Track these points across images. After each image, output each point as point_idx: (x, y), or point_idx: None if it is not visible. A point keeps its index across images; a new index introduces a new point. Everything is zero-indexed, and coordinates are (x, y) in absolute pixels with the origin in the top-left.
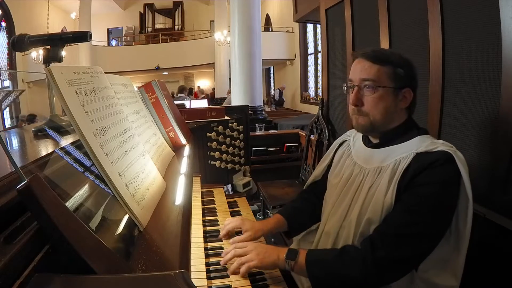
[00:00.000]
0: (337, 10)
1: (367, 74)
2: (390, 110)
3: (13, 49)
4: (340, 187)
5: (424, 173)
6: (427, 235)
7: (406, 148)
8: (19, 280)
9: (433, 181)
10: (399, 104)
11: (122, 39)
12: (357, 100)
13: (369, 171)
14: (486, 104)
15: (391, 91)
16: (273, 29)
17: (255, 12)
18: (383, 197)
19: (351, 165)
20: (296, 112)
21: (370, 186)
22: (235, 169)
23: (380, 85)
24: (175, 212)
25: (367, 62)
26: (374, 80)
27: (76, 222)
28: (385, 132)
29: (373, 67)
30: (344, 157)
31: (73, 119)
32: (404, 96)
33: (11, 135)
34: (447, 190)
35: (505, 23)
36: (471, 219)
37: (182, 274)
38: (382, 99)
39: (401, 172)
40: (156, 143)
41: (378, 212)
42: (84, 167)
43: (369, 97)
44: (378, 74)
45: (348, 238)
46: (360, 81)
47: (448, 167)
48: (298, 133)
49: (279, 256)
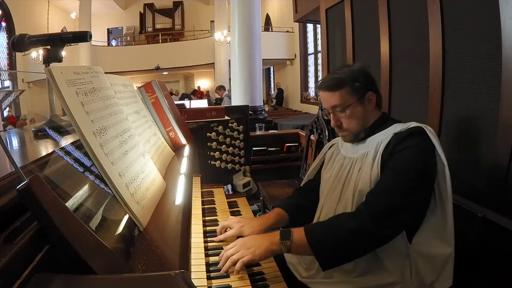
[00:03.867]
0: (337, 10)
1: (332, 102)
2: (363, 117)
3: (13, 49)
4: (332, 178)
5: (402, 142)
6: (414, 188)
7: (386, 133)
8: (19, 280)
9: (411, 145)
10: (367, 107)
11: (122, 39)
12: (336, 122)
13: (357, 158)
14: (486, 104)
15: (358, 103)
16: (273, 29)
17: (255, 12)
18: (370, 170)
19: (341, 159)
20: (296, 112)
21: (360, 168)
22: (235, 169)
23: (346, 105)
24: (175, 212)
25: (326, 93)
26: (340, 104)
27: (76, 222)
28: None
29: (335, 94)
30: (334, 155)
31: (73, 119)
32: (368, 99)
33: (11, 135)
34: (424, 151)
35: (505, 23)
36: (449, 182)
37: (182, 274)
38: (353, 113)
39: (383, 148)
40: (156, 143)
41: (367, 183)
42: (84, 167)
43: (343, 118)
44: (340, 98)
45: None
46: (331, 108)
47: (422, 136)
48: (298, 133)
49: (272, 240)
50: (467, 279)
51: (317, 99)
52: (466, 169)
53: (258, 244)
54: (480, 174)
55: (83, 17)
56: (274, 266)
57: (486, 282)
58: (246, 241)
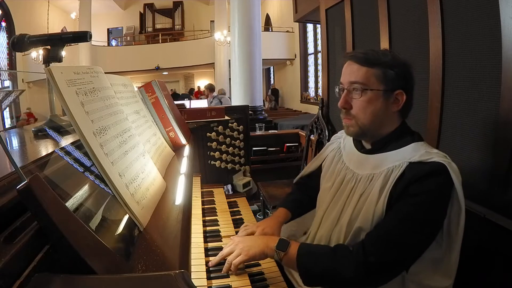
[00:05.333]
0: (337, 10)
1: (354, 77)
2: (380, 113)
3: (13, 49)
4: (332, 192)
5: (417, 183)
6: (416, 243)
7: (400, 156)
8: (19, 280)
9: (425, 191)
10: (391, 107)
11: (122, 39)
12: (345, 103)
13: (361, 177)
14: (486, 104)
15: (381, 94)
16: (273, 29)
17: (255, 12)
18: (374, 205)
19: (343, 169)
20: (296, 112)
21: (362, 193)
22: (235, 169)
23: (368, 87)
24: (175, 212)
25: (355, 64)
26: (362, 83)
27: (76, 222)
28: (378, 139)
29: (361, 69)
30: (335, 160)
31: (73, 119)
32: (396, 98)
33: (11, 135)
34: (438, 200)
35: (505, 23)
36: (462, 227)
37: (182, 274)
38: (370, 102)
39: (394, 181)
40: (156, 143)
41: (368, 221)
42: (84, 167)
43: (357, 100)
44: (366, 77)
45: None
46: (349, 84)
47: (441, 178)
48: (298, 133)
49: (268, 244)
50: (467, 279)
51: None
52: (466, 169)
53: (253, 245)
54: (480, 174)
55: (83, 17)
56: (274, 266)
57: (486, 282)
58: (242, 240)
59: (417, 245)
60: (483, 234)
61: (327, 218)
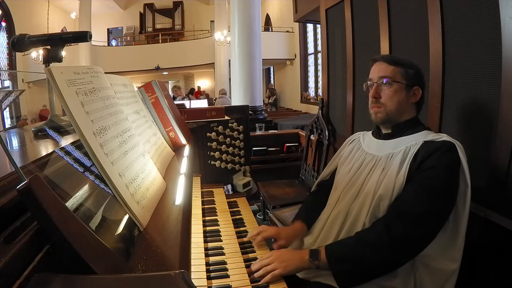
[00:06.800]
0: (337, 10)
1: (384, 72)
2: (403, 103)
3: (13, 49)
4: (351, 173)
5: (432, 157)
6: (439, 212)
7: (415, 138)
8: (19, 280)
9: (440, 164)
10: (411, 99)
11: (122, 39)
12: (376, 93)
13: (381, 157)
14: (486, 104)
15: (404, 87)
16: (273, 29)
17: (255, 12)
18: (395, 176)
19: (363, 155)
20: (296, 112)
21: (383, 168)
22: (235, 169)
23: (395, 80)
24: (175, 212)
25: (384, 63)
26: (390, 77)
27: (76, 222)
28: (397, 124)
29: (389, 67)
30: (354, 151)
31: (73, 119)
32: (414, 93)
33: (11, 135)
34: (451, 173)
35: (505, 23)
36: (469, 203)
37: (182, 274)
38: (396, 92)
39: (412, 155)
40: (156, 143)
41: (389, 189)
42: (84, 167)
43: (386, 90)
44: (394, 73)
45: (358, 218)
46: (379, 78)
47: (451, 154)
48: (298, 133)
49: (303, 258)
50: (467, 279)
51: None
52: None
53: (291, 260)
54: (480, 174)
55: (83, 17)
56: None
57: (486, 282)
58: (281, 254)
59: (439, 213)
60: (483, 234)
61: (345, 195)
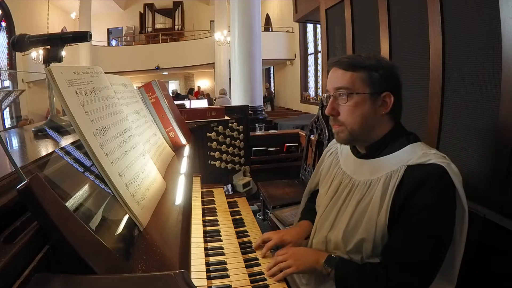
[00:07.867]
0: (337, 10)
1: (340, 82)
2: (368, 117)
3: (13, 49)
4: (328, 196)
5: (420, 193)
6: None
7: (396, 159)
8: (19, 280)
9: (431, 203)
10: (379, 110)
11: (122, 39)
12: (332, 110)
13: (358, 182)
14: (486, 104)
15: (368, 97)
16: (273, 29)
17: (255, 12)
18: (376, 215)
19: (340, 174)
20: (296, 112)
21: (359, 199)
22: (235, 169)
23: (354, 92)
24: (175, 212)
25: (339, 70)
26: (347, 87)
27: (76, 222)
28: (371, 144)
29: (346, 74)
30: (332, 166)
31: (73, 119)
32: (383, 101)
33: (11, 135)
34: (447, 210)
35: (505, 23)
36: (466, 229)
37: (182, 274)
38: (357, 106)
39: (394, 188)
40: (156, 143)
41: (371, 231)
42: (84, 167)
43: (344, 105)
44: (351, 81)
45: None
46: (334, 90)
47: (443, 182)
48: (298, 133)
49: (319, 260)
50: (466, 279)
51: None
52: (466, 169)
53: (306, 259)
54: (480, 174)
55: (83, 17)
56: None
57: (486, 282)
58: (297, 251)
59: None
60: (483, 234)
61: (322, 223)
